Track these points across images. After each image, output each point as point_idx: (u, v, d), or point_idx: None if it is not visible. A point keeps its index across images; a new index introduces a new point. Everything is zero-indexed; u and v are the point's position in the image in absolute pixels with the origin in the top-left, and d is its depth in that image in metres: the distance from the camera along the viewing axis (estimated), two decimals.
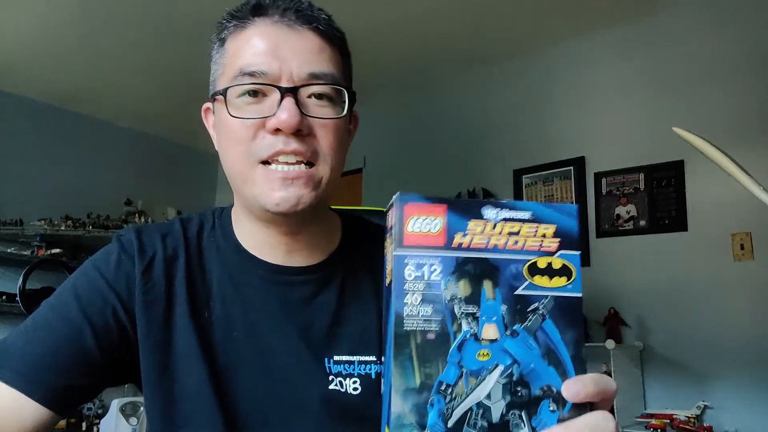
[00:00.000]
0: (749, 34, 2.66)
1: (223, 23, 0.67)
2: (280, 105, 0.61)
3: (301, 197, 0.62)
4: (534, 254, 0.46)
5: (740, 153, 1.22)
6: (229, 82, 0.64)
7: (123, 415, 2.35)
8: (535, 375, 0.44)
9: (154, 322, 0.66)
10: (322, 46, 0.65)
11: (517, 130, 3.40)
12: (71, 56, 3.49)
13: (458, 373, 0.43)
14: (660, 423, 2.38)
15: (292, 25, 0.64)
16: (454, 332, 0.44)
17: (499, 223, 0.46)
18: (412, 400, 0.42)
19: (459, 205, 0.46)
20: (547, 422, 0.44)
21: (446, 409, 0.43)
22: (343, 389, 0.67)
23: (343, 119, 0.66)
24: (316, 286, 0.70)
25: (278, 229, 0.68)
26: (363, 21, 3.00)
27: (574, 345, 0.45)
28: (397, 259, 0.44)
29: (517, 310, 0.45)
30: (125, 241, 0.69)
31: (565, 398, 0.44)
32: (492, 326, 0.44)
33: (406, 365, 0.43)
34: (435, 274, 0.44)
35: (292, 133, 0.61)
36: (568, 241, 0.46)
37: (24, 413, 0.61)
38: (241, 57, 0.64)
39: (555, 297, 0.45)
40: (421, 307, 0.43)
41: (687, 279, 2.68)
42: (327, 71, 0.64)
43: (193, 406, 0.64)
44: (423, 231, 0.44)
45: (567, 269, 0.46)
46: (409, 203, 0.45)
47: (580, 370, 0.45)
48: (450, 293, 0.44)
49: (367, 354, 0.68)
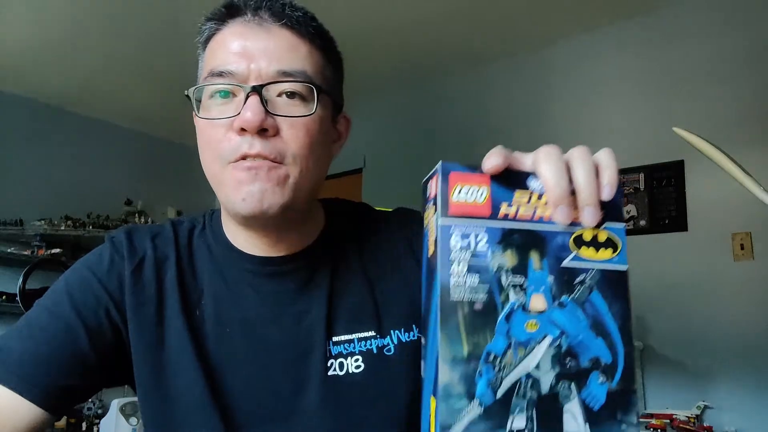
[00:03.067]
0: (749, 33, 2.67)
1: (201, 27, 0.67)
2: (245, 104, 0.59)
3: (264, 192, 0.59)
4: (579, 226, 0.45)
5: (740, 153, 1.22)
6: (200, 83, 0.64)
7: (123, 415, 2.34)
8: (583, 346, 0.44)
9: (146, 323, 0.65)
10: (295, 44, 0.63)
11: (517, 130, 3.40)
12: (71, 56, 3.49)
13: (506, 344, 0.43)
14: (660, 423, 2.38)
15: (263, 23, 0.63)
16: (502, 302, 0.43)
17: (544, 194, 0.45)
18: (461, 369, 0.42)
19: (503, 175, 0.45)
20: (597, 394, 0.43)
21: (495, 379, 0.42)
22: (343, 371, 0.66)
23: (316, 118, 0.62)
24: (307, 272, 0.69)
25: (257, 231, 0.67)
26: (363, 21, 3.01)
27: (621, 317, 0.44)
28: (443, 229, 0.43)
29: (564, 281, 0.44)
30: (117, 242, 0.69)
31: (484, 169, 0.45)
32: (540, 297, 0.44)
33: (453, 335, 0.42)
34: (481, 244, 0.43)
35: (258, 133, 0.59)
36: (612, 213, 0.46)
37: (18, 413, 0.61)
38: (214, 58, 0.63)
39: (601, 269, 0.45)
40: (467, 277, 0.43)
41: (687, 279, 2.68)
42: (299, 68, 0.62)
43: (188, 407, 0.64)
44: (468, 201, 0.44)
45: (612, 241, 0.45)
46: (453, 172, 0.44)
47: (627, 341, 0.44)
48: (497, 263, 0.43)
49: (365, 330, 0.68)
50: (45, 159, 3.99)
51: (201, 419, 0.63)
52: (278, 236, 0.68)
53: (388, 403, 0.66)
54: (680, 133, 1.10)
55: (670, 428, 2.40)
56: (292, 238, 0.69)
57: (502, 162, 0.45)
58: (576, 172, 0.46)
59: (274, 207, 0.61)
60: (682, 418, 2.41)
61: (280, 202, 0.61)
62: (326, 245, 0.71)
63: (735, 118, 2.62)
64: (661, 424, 2.38)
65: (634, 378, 0.44)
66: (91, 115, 4.29)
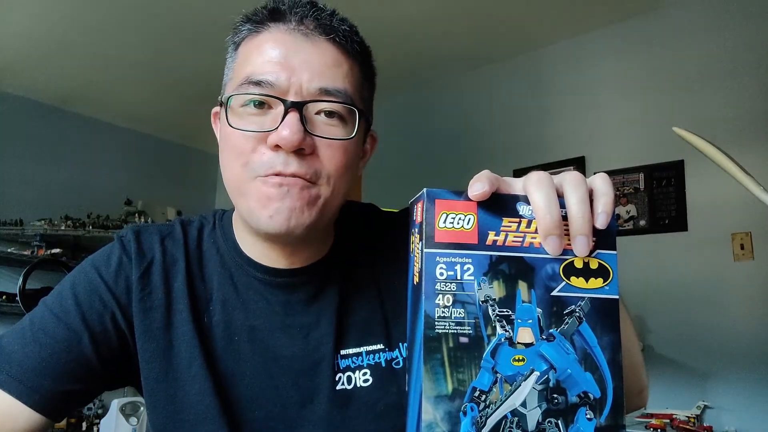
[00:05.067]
0: (749, 33, 2.66)
1: (238, 26, 0.64)
2: (283, 120, 0.57)
3: (293, 210, 0.58)
4: (570, 254, 0.43)
5: (740, 153, 1.22)
6: (234, 90, 0.61)
7: (123, 415, 2.34)
8: (571, 381, 0.42)
9: (154, 329, 0.64)
10: (338, 60, 0.60)
11: (517, 130, 3.40)
12: (71, 56, 3.49)
13: (492, 379, 0.41)
14: (660, 423, 2.38)
15: (309, 34, 0.60)
16: (488, 336, 0.41)
17: (534, 220, 0.43)
18: (444, 407, 0.40)
19: (491, 201, 0.43)
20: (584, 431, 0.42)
21: (480, 417, 0.41)
22: (351, 385, 0.65)
23: (353, 141, 0.61)
24: (317, 285, 0.68)
25: (275, 244, 0.66)
26: (363, 21, 2.99)
27: (610, 349, 0.43)
28: (428, 258, 0.41)
29: (553, 312, 0.43)
30: (125, 242, 0.68)
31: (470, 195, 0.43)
32: (527, 330, 0.42)
33: (438, 370, 0.40)
34: (468, 274, 0.42)
35: (294, 152, 0.57)
36: (604, 240, 0.44)
37: (17, 418, 0.60)
38: (250, 64, 0.60)
39: (592, 299, 0.43)
40: (453, 309, 0.41)
41: (687, 279, 2.68)
42: (340, 87, 0.59)
43: (197, 414, 0.63)
44: (455, 228, 0.42)
45: (604, 269, 0.44)
46: (439, 199, 0.43)
47: (617, 375, 0.43)
48: (484, 294, 0.42)
49: (374, 343, 0.67)
50: (45, 159, 3.99)
51: (209, 427, 0.62)
52: (294, 249, 0.66)
53: (395, 416, 0.65)
54: (680, 133, 1.10)
55: (670, 428, 2.40)
56: (307, 253, 0.68)
57: (488, 188, 0.43)
58: (569, 199, 0.44)
59: (300, 227, 0.59)
60: (682, 418, 2.41)
61: (307, 222, 0.60)
62: (337, 257, 0.70)
63: (735, 118, 2.61)
64: (661, 424, 2.38)
65: (623, 414, 0.43)
66: (91, 115, 4.29)
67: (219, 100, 0.64)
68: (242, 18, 0.64)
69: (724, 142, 1.26)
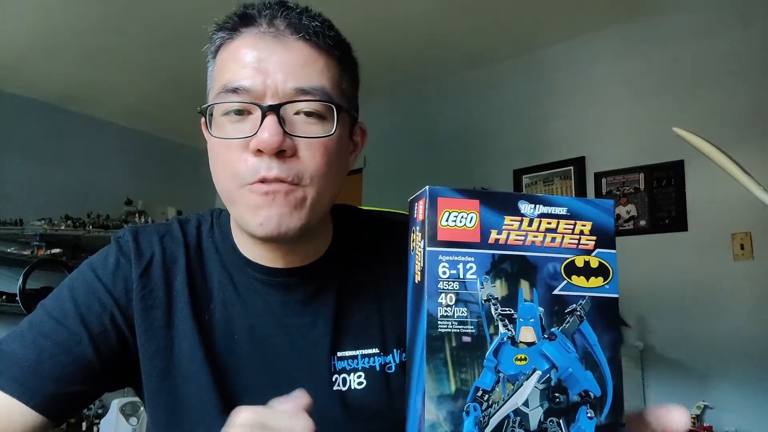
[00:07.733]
0: (749, 34, 2.66)
1: (212, 35, 0.64)
2: (261, 124, 0.57)
3: (282, 216, 0.59)
4: (571, 252, 0.43)
5: (740, 153, 1.22)
6: (213, 99, 0.61)
7: (123, 415, 2.34)
8: (573, 380, 0.42)
9: (155, 327, 0.64)
10: (312, 58, 0.60)
11: (517, 130, 3.40)
12: (71, 56, 3.49)
13: (495, 379, 0.41)
14: None
15: (279, 35, 0.60)
16: (491, 335, 0.41)
17: (536, 219, 0.43)
18: (447, 407, 0.40)
19: (492, 199, 0.43)
20: (585, 430, 0.42)
21: (483, 417, 0.41)
22: (346, 387, 0.66)
23: (335, 137, 0.61)
24: (315, 285, 0.69)
25: (269, 245, 0.66)
26: (363, 21, 3.00)
27: (611, 347, 0.43)
28: (431, 256, 0.41)
29: (554, 311, 0.43)
30: (123, 243, 0.68)
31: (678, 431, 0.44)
32: (529, 329, 0.42)
33: (440, 370, 0.40)
34: (470, 272, 0.41)
35: (276, 154, 0.58)
36: (604, 239, 0.44)
37: (18, 420, 0.60)
38: (227, 71, 0.60)
39: (592, 297, 0.43)
40: (456, 308, 0.41)
41: (687, 279, 2.68)
42: (317, 85, 0.59)
43: (198, 412, 0.63)
44: (457, 227, 0.42)
45: (604, 268, 0.44)
46: (441, 197, 0.42)
47: (616, 373, 0.43)
48: (486, 293, 0.42)
49: (370, 347, 0.68)
50: (45, 159, 3.99)
51: (210, 425, 0.62)
52: (289, 249, 0.67)
53: (388, 420, 0.66)
54: (680, 133, 1.10)
55: None
56: (302, 252, 0.68)
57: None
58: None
59: (292, 230, 0.60)
60: None
61: (298, 225, 0.60)
62: (335, 259, 0.71)
63: (735, 118, 2.61)
64: None
65: (623, 412, 0.43)
66: (92, 115, 4.29)
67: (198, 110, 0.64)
68: (215, 27, 0.64)
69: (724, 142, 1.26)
